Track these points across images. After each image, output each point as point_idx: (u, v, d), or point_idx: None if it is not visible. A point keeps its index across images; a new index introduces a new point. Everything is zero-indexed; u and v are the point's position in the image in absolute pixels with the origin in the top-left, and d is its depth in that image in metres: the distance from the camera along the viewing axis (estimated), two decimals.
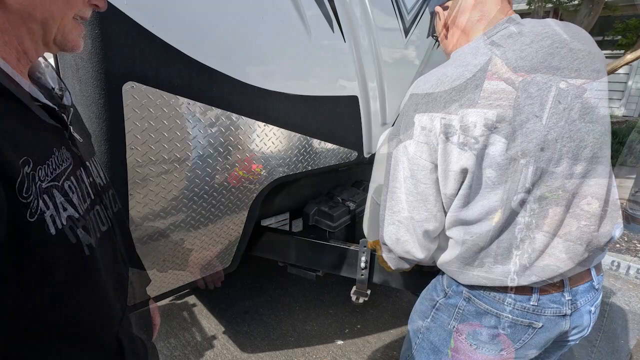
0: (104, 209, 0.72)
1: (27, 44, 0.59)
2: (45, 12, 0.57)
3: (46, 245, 0.54)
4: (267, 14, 1.60)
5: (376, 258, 1.78)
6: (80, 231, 0.60)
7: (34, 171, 0.53)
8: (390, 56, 2.21)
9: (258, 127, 1.75)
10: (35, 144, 0.56)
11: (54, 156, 0.58)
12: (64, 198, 0.58)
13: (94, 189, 0.70)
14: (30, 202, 0.51)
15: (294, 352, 2.28)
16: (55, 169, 0.58)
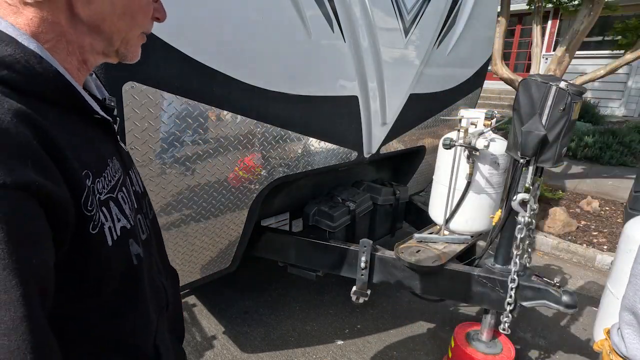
0: (144, 218, 0.73)
1: (88, 54, 0.59)
2: (112, 27, 0.58)
3: (104, 256, 0.55)
4: (267, 14, 1.60)
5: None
6: (131, 241, 0.61)
7: (93, 184, 0.54)
8: (390, 56, 2.21)
9: (258, 127, 1.75)
10: (93, 156, 0.56)
11: (108, 168, 0.59)
12: (118, 209, 0.59)
13: (137, 197, 0.71)
14: (93, 214, 0.52)
15: (294, 352, 2.28)
16: (110, 181, 0.59)
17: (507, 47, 10.42)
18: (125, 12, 0.58)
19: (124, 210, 0.61)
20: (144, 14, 0.62)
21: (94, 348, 0.58)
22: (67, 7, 0.53)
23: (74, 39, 0.56)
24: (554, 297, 1.73)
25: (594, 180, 5.30)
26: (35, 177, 0.43)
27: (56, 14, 0.52)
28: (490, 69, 3.81)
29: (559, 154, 1.61)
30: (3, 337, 0.40)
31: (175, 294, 0.88)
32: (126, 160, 0.71)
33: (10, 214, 0.40)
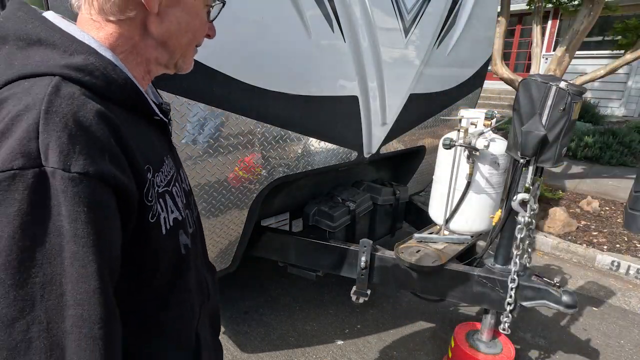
0: (191, 213, 0.78)
1: (153, 65, 0.68)
2: (177, 43, 0.67)
3: (159, 245, 0.62)
4: (267, 14, 1.60)
5: None
6: (181, 232, 0.68)
7: (153, 177, 0.61)
8: (390, 56, 2.21)
9: (258, 127, 1.75)
10: (153, 153, 0.63)
11: (165, 164, 0.67)
12: (172, 202, 0.66)
13: (184, 194, 0.76)
14: (152, 205, 0.60)
15: (294, 352, 2.28)
16: (166, 176, 0.66)
17: (507, 47, 10.43)
18: (188, 31, 0.67)
19: (177, 203, 0.68)
20: (202, 32, 0.71)
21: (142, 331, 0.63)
22: (142, 25, 0.62)
23: (143, 52, 0.65)
24: (554, 297, 1.73)
25: (594, 180, 5.30)
26: (111, 169, 0.50)
27: (132, 31, 0.62)
28: (490, 69, 3.81)
29: (559, 154, 1.61)
30: (78, 306, 0.47)
31: (214, 288, 0.93)
32: (177, 159, 0.78)
33: (91, 199, 0.47)
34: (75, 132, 0.48)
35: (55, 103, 0.48)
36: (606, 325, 2.65)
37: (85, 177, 0.47)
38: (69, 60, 0.53)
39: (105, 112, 0.53)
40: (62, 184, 0.45)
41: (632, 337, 2.55)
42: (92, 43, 0.58)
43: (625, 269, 3.29)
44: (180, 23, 0.65)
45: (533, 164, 1.65)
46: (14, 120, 0.47)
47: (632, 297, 3.00)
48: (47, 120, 0.47)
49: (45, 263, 0.46)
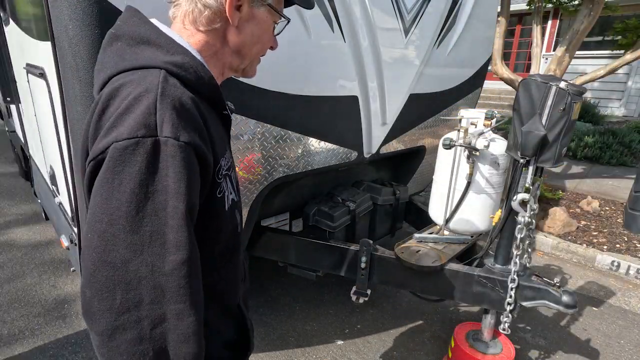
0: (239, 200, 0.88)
1: (226, 69, 0.82)
2: (249, 51, 0.80)
3: (221, 218, 0.73)
4: None
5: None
6: (237, 212, 0.80)
7: (221, 160, 0.72)
8: (390, 56, 2.21)
9: (258, 127, 1.75)
10: (221, 141, 0.74)
11: (227, 152, 0.78)
12: (230, 184, 0.77)
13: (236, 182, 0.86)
14: (221, 182, 0.71)
15: (294, 352, 2.28)
16: (228, 162, 0.76)
17: (507, 47, 10.43)
18: (259, 42, 0.81)
19: (234, 186, 0.79)
20: (269, 43, 0.85)
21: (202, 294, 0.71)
22: (223, 35, 0.76)
23: (222, 57, 0.78)
24: (554, 297, 1.73)
25: (594, 180, 5.30)
26: (201, 144, 0.62)
27: (215, 39, 0.75)
28: (490, 69, 3.81)
29: (559, 154, 1.61)
30: (175, 252, 0.58)
31: (247, 273, 1.02)
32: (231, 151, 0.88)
33: (191, 164, 0.60)
34: (181, 111, 0.60)
35: (167, 89, 0.61)
36: (606, 325, 2.65)
37: (189, 146, 0.59)
38: (171, 58, 0.66)
39: (196, 100, 0.65)
40: (172, 150, 0.57)
41: (632, 337, 2.55)
42: (187, 46, 0.71)
43: (625, 269, 3.29)
44: (254, 35, 0.78)
45: (533, 164, 1.65)
46: (137, 99, 0.59)
47: (632, 297, 3.00)
48: (162, 101, 0.59)
49: (154, 215, 0.57)
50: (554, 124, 1.56)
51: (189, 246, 0.59)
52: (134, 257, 0.56)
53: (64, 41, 1.19)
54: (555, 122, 1.56)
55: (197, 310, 0.61)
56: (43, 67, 1.66)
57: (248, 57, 0.81)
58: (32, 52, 1.85)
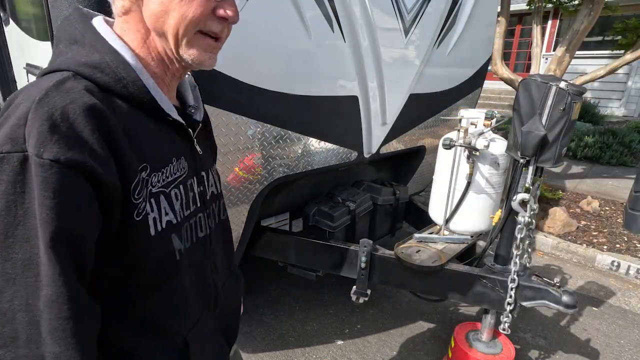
0: (207, 217, 0.78)
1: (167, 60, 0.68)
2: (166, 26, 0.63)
3: (144, 243, 0.62)
4: (267, 14, 1.60)
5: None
6: (174, 236, 0.68)
7: (149, 177, 0.62)
8: (390, 56, 2.21)
9: (258, 127, 1.75)
10: (156, 153, 0.65)
11: (170, 165, 0.67)
12: (167, 204, 0.66)
13: (202, 197, 0.77)
14: (139, 203, 0.60)
15: (294, 352, 2.28)
16: (167, 177, 0.67)
17: (507, 47, 10.42)
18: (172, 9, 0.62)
19: (174, 206, 0.68)
20: (191, 9, 0.62)
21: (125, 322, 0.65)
22: (141, 18, 0.64)
23: (153, 46, 0.66)
24: (554, 297, 1.73)
25: (594, 180, 5.30)
26: (87, 159, 0.51)
27: (138, 25, 0.64)
28: (490, 69, 3.81)
29: (559, 154, 1.61)
30: (49, 287, 0.50)
31: (234, 296, 0.93)
32: (200, 162, 0.78)
33: (58, 185, 0.49)
34: (58, 123, 0.50)
35: (50, 95, 0.52)
36: (606, 325, 2.65)
37: (56, 164, 0.49)
38: (88, 58, 0.59)
39: (97, 107, 0.55)
40: (35, 169, 0.49)
41: (632, 337, 2.54)
42: (116, 43, 0.62)
43: (625, 269, 3.29)
44: (162, 3, 0.62)
45: (533, 164, 1.65)
46: (14, 108, 0.52)
47: (632, 297, 3.00)
48: (35, 110, 0.50)
49: (25, 242, 0.49)
50: (554, 124, 1.56)
51: (62, 282, 0.50)
52: (6, 287, 0.49)
53: None
54: (555, 122, 1.56)
55: (81, 356, 0.52)
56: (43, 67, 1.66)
57: (170, 33, 0.63)
58: (32, 52, 1.85)
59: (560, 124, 1.56)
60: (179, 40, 0.65)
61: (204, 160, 0.80)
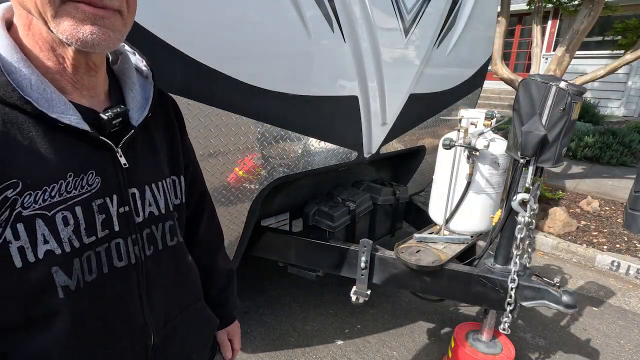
0: (134, 244, 0.66)
1: (53, 44, 0.55)
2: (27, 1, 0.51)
3: (5, 277, 0.52)
4: (267, 14, 1.60)
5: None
6: (58, 270, 0.55)
7: (19, 196, 0.51)
8: (390, 56, 2.21)
9: (258, 127, 1.75)
10: (37, 167, 0.53)
11: (62, 182, 0.56)
12: (48, 229, 0.54)
13: (126, 220, 0.64)
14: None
15: (294, 352, 2.28)
16: (53, 197, 0.54)
17: (507, 47, 10.42)
18: None
19: (59, 232, 0.55)
20: None
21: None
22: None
23: (37, 31, 0.55)
24: (554, 297, 1.73)
25: (594, 180, 5.30)
26: None
27: (19, 8, 0.53)
28: (490, 69, 3.81)
29: (559, 154, 1.61)
30: None
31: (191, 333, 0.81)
32: (128, 177, 0.65)
33: None
34: None
35: None
36: (606, 325, 2.65)
37: None
38: None
39: None
40: None
41: (632, 337, 2.54)
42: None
43: (625, 269, 3.29)
44: None
45: (533, 164, 1.65)
46: None
47: (632, 297, 3.00)
48: None
49: None
50: (554, 124, 1.56)
51: None
52: None
53: None
54: (555, 122, 1.56)
55: None
56: None
57: (31, 5, 0.51)
58: None
59: (560, 124, 1.56)
60: (43, 14, 0.51)
61: (139, 174, 0.67)
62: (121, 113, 0.63)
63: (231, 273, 1.05)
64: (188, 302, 0.82)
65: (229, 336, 1.03)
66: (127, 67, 0.70)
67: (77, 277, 0.58)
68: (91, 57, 0.59)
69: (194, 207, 0.91)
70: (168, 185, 0.74)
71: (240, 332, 1.07)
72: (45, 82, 0.55)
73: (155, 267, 0.70)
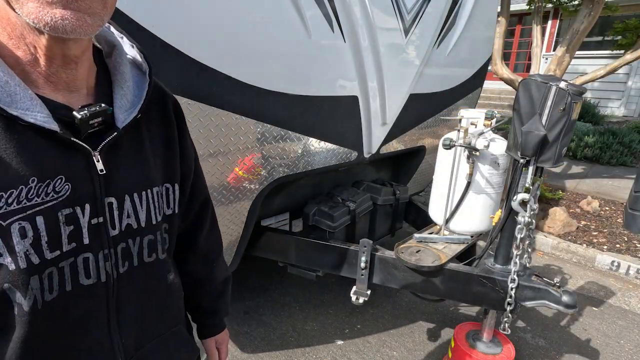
0: (105, 259, 0.59)
1: (24, 32, 0.49)
2: None
3: None
4: (267, 14, 1.60)
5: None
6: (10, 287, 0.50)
7: None
8: (390, 56, 2.21)
9: (258, 127, 1.75)
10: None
11: (24, 188, 0.49)
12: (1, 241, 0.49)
13: (97, 232, 0.58)
14: None
15: (294, 352, 2.28)
16: (11, 204, 0.49)
17: (507, 47, 10.42)
18: None
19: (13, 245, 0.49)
20: None
21: None
22: None
23: (4, 15, 0.48)
24: (554, 297, 1.73)
25: (594, 180, 5.30)
26: None
27: None
28: (490, 69, 3.81)
29: (559, 154, 1.61)
30: None
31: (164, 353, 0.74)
32: (105, 184, 0.58)
33: None
34: None
35: None
36: (606, 325, 2.65)
37: None
38: None
39: None
40: None
41: (632, 337, 2.54)
42: None
43: (625, 269, 3.29)
44: None
45: (533, 164, 1.65)
46: None
47: (632, 297, 3.00)
48: None
49: None
50: (554, 124, 1.56)
51: None
52: None
53: None
54: (555, 122, 1.56)
55: None
56: None
57: None
58: None
59: (560, 124, 1.56)
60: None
61: (119, 181, 0.60)
62: (101, 112, 0.55)
63: (227, 281, 0.97)
64: (165, 326, 0.74)
65: (217, 344, 0.99)
66: (119, 62, 0.63)
67: (34, 297, 0.52)
68: (69, 47, 0.51)
69: (194, 217, 0.84)
70: (156, 194, 0.66)
71: (228, 339, 1.03)
72: (9, 74, 0.48)
73: (128, 285, 0.63)
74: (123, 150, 0.61)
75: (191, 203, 0.81)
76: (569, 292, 1.73)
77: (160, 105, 0.70)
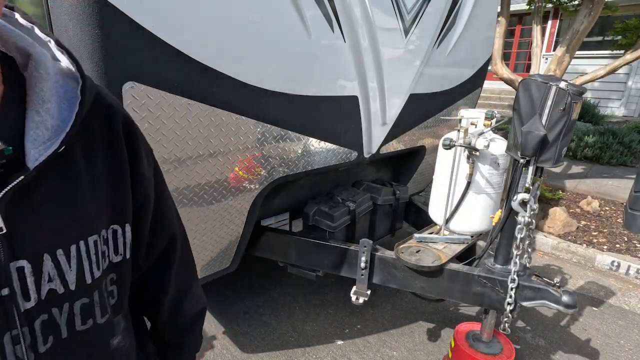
0: (15, 342, 0.46)
1: None
2: None
3: None
4: (268, 14, 1.60)
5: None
6: None
7: None
8: (390, 56, 2.21)
9: (258, 127, 1.75)
10: None
11: None
12: None
13: (0, 308, 0.44)
14: None
15: (294, 352, 2.28)
16: None
17: (507, 47, 10.42)
18: None
19: None
20: None
21: None
22: None
23: None
24: (554, 297, 1.73)
25: (594, 180, 5.30)
26: None
27: None
28: (490, 69, 3.81)
29: (559, 154, 1.61)
30: None
31: None
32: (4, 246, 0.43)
33: None
34: None
35: None
36: (606, 325, 2.65)
37: None
38: None
39: None
40: None
41: (632, 337, 2.54)
42: None
43: (625, 269, 3.29)
44: None
45: (533, 164, 1.65)
46: None
47: (632, 297, 3.00)
48: None
49: None
50: (554, 124, 1.56)
51: None
52: None
53: (64, 41, 1.19)
54: (555, 122, 1.56)
55: None
56: None
57: None
58: None
59: (560, 124, 1.56)
60: None
61: (32, 238, 0.46)
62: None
63: (199, 314, 0.80)
64: None
65: None
66: (36, 76, 0.46)
67: None
68: None
69: (158, 257, 0.68)
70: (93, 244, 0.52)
71: None
72: None
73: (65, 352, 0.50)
74: (40, 195, 0.46)
75: (154, 241, 0.66)
76: (568, 292, 1.73)
77: (105, 125, 0.54)
